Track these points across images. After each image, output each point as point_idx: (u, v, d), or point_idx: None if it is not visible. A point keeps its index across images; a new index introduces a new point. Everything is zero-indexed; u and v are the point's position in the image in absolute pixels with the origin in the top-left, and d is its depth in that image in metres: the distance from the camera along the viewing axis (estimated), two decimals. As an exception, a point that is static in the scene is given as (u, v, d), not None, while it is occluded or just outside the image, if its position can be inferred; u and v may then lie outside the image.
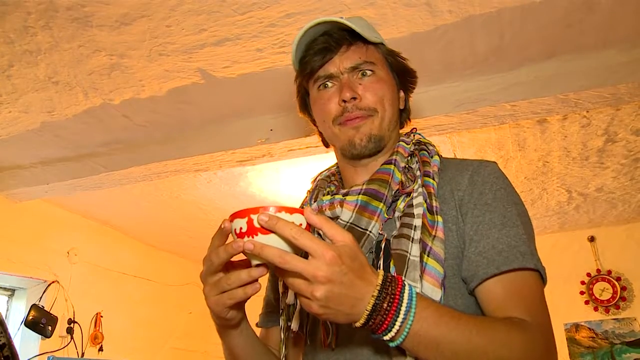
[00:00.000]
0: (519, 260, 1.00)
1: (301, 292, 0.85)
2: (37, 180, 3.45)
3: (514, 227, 1.05)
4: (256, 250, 0.84)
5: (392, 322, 0.85)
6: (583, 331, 4.87)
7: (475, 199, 1.08)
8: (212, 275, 0.96)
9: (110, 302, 4.62)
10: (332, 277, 0.82)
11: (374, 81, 1.20)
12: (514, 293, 0.99)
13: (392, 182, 1.13)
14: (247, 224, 0.86)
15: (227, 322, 1.04)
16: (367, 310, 0.85)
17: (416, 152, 1.22)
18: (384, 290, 0.86)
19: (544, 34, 2.29)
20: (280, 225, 0.84)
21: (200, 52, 2.33)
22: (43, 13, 2.06)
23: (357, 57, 1.20)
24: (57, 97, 2.65)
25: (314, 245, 0.83)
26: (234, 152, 2.99)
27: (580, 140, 3.41)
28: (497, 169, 1.15)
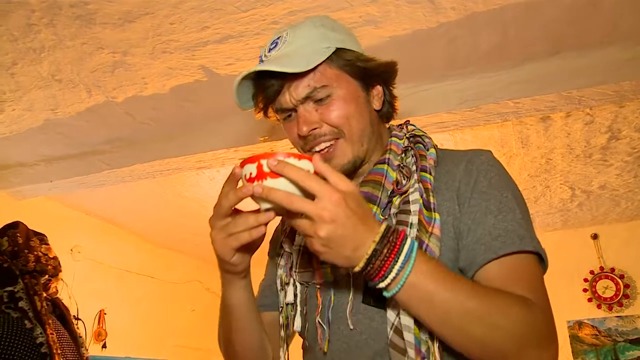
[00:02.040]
0: (517, 243, 0.99)
1: (306, 231, 0.87)
2: (40, 178, 3.46)
3: (510, 212, 1.04)
4: (264, 193, 0.87)
5: (390, 268, 0.86)
6: (586, 329, 4.86)
7: (471, 188, 1.07)
8: (221, 219, 0.98)
9: (113, 300, 4.63)
10: (336, 218, 0.84)
11: (331, 104, 1.11)
12: (514, 274, 0.98)
13: (385, 182, 1.11)
14: (257, 169, 0.90)
15: (231, 267, 1.05)
16: (367, 254, 0.87)
17: (411, 145, 1.19)
18: (385, 238, 0.88)
19: (547, 31, 2.29)
20: (289, 169, 0.86)
21: (203, 50, 2.33)
22: (47, 11, 2.07)
23: (307, 85, 1.10)
24: (60, 95, 2.66)
25: (320, 187, 0.85)
26: (236, 149, 2.99)
27: (583, 138, 3.40)
28: (491, 157, 1.14)
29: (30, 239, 2.04)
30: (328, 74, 1.12)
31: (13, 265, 1.91)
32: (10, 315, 1.80)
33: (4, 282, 1.88)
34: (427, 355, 0.95)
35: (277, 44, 1.13)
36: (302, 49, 1.11)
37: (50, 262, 2.05)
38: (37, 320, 1.82)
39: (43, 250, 2.06)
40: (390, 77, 1.23)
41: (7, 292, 1.86)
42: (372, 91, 1.20)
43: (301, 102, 1.11)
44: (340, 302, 1.10)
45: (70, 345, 1.97)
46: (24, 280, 1.90)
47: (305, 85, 1.10)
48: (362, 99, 1.16)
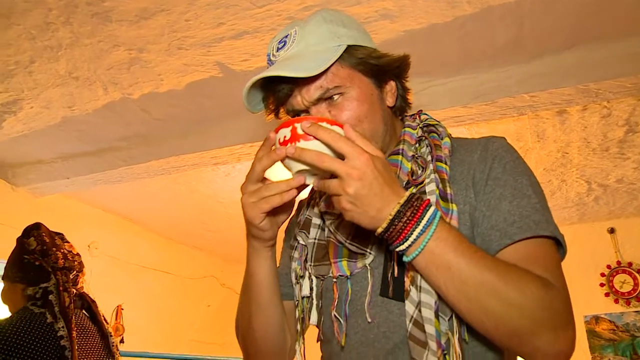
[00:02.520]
0: (533, 228, 0.98)
1: (334, 190, 0.90)
2: (58, 175, 3.50)
3: (525, 197, 1.02)
4: (297, 153, 0.91)
5: (411, 232, 0.89)
6: (603, 323, 4.83)
7: (486, 175, 1.06)
8: (253, 184, 1.01)
9: (130, 295, 4.67)
10: (364, 176, 0.88)
11: (344, 104, 1.08)
12: (531, 258, 0.96)
13: (400, 173, 1.10)
14: (291, 132, 0.94)
15: (259, 232, 1.06)
16: (391, 215, 0.89)
17: (425, 135, 1.18)
18: (409, 202, 0.90)
19: (564, 23, 2.27)
20: (321, 130, 0.91)
21: (218, 46, 2.34)
22: (64, 9, 2.08)
23: (319, 86, 1.08)
24: (77, 92, 2.68)
25: (350, 148, 0.89)
26: (252, 145, 3.00)
27: (600, 131, 3.37)
28: (506, 143, 1.12)
29: (54, 238, 2.10)
30: (340, 74, 1.09)
31: (45, 263, 1.97)
32: (33, 311, 1.85)
33: (38, 280, 1.94)
34: (447, 347, 0.94)
35: (285, 43, 1.10)
36: (312, 48, 1.08)
37: (75, 258, 2.10)
38: (62, 315, 1.86)
39: (67, 248, 2.10)
40: (403, 71, 1.20)
41: (41, 289, 1.92)
42: (386, 87, 1.17)
43: (313, 103, 1.09)
44: (357, 296, 1.09)
45: (95, 339, 2.01)
46: (56, 277, 1.95)
47: (318, 87, 1.08)
48: (375, 97, 1.14)
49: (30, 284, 1.94)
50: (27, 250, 2.00)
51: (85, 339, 1.96)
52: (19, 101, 2.74)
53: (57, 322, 1.83)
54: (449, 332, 0.95)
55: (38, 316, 1.83)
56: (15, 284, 1.97)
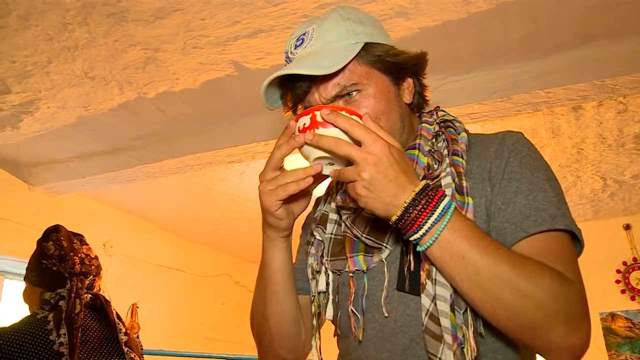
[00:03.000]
0: (548, 222, 0.97)
1: (350, 176, 0.90)
2: (73, 174, 3.52)
3: (542, 191, 1.02)
4: (315, 139, 0.92)
5: (426, 220, 0.88)
6: (619, 321, 4.80)
7: (502, 169, 1.06)
8: (271, 171, 1.02)
9: (145, 293, 4.69)
10: (380, 162, 0.88)
11: (361, 101, 1.09)
12: (546, 251, 0.95)
13: (417, 167, 1.10)
14: (310, 120, 0.95)
15: (275, 220, 1.06)
16: (405, 203, 0.89)
17: (442, 130, 1.18)
18: (424, 191, 0.90)
19: (579, 19, 2.26)
20: (340, 118, 0.92)
21: (233, 45, 2.35)
22: (81, 9, 2.10)
23: (337, 84, 1.08)
24: (93, 92, 2.70)
25: (366, 134, 0.89)
26: (266, 143, 3.01)
27: (616, 127, 3.35)
28: (523, 137, 1.12)
29: (73, 241, 2.10)
30: (357, 71, 1.09)
31: (62, 269, 1.98)
32: (36, 316, 1.87)
33: (55, 285, 1.95)
34: (463, 341, 0.94)
35: (303, 41, 1.11)
36: (330, 45, 1.08)
37: (92, 262, 2.11)
38: (67, 322, 1.87)
39: (85, 251, 2.11)
40: (420, 68, 1.19)
41: (57, 295, 1.93)
42: (403, 84, 1.17)
43: (331, 100, 1.09)
44: (374, 290, 1.09)
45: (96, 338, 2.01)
46: (71, 282, 1.96)
47: (335, 84, 1.08)
48: (392, 94, 1.13)
49: (48, 289, 1.95)
50: (46, 254, 2.00)
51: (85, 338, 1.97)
52: (36, 101, 2.76)
53: (60, 329, 1.84)
54: (464, 325, 0.95)
55: (39, 321, 1.85)
56: (35, 287, 1.99)
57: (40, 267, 1.99)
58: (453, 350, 0.92)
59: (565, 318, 0.89)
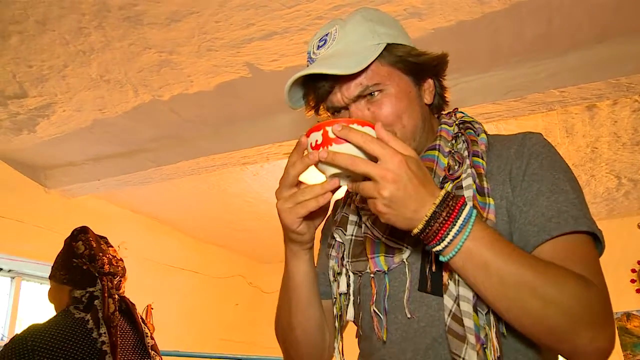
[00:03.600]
0: (571, 224, 0.97)
1: (369, 193, 0.89)
2: (89, 177, 3.55)
3: (563, 193, 1.02)
4: (330, 157, 0.90)
5: (447, 232, 0.88)
6: (635, 320, 4.77)
7: (523, 171, 1.06)
8: (288, 189, 1.00)
9: (160, 294, 4.72)
10: (399, 179, 0.86)
11: (383, 102, 1.09)
12: (569, 254, 0.96)
13: (437, 168, 1.10)
14: (322, 136, 0.93)
15: (297, 236, 1.06)
16: (427, 216, 0.88)
17: (462, 132, 1.18)
18: (445, 202, 0.89)
19: (593, 17, 2.25)
20: (353, 133, 0.89)
21: (248, 47, 2.36)
22: (97, 14, 2.12)
23: (359, 84, 1.09)
24: (108, 95, 2.72)
25: (383, 150, 0.87)
26: (280, 144, 3.02)
27: (631, 125, 3.33)
28: (543, 138, 1.11)
29: (100, 242, 2.14)
30: (380, 72, 1.10)
31: (92, 268, 2.00)
32: (74, 316, 1.88)
33: (85, 284, 1.97)
34: (486, 341, 0.95)
35: (325, 41, 1.11)
36: (352, 46, 1.09)
37: (119, 263, 2.13)
38: (105, 321, 1.89)
39: (112, 253, 2.14)
40: (441, 69, 1.20)
41: (88, 293, 1.96)
42: (424, 85, 1.17)
43: (353, 100, 1.10)
44: (396, 291, 1.09)
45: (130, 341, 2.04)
46: (102, 282, 1.99)
47: (358, 84, 1.09)
48: (413, 94, 1.14)
49: (77, 287, 1.96)
50: (76, 253, 2.02)
51: (126, 345, 2.00)
52: (52, 105, 2.79)
53: (100, 327, 1.87)
54: (486, 326, 0.96)
55: (78, 321, 1.86)
56: (63, 285, 1.99)
57: (71, 265, 2.00)
58: (476, 350, 0.93)
59: (591, 322, 0.89)
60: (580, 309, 0.89)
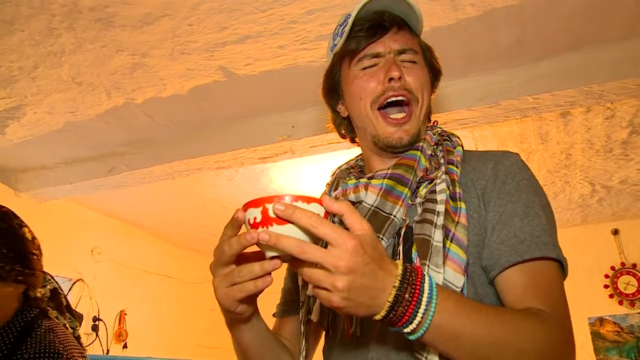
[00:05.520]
0: (541, 249, 0.99)
1: (321, 283, 0.80)
2: (61, 180, 3.49)
3: (537, 217, 1.04)
4: (272, 240, 0.79)
5: (414, 313, 0.82)
6: (608, 325, 4.81)
7: (498, 189, 1.07)
8: (223, 267, 0.92)
9: (133, 300, 4.67)
10: (355, 267, 0.78)
11: (417, 68, 1.20)
12: (535, 283, 0.98)
13: (417, 168, 1.13)
14: (262, 214, 0.81)
15: (236, 316, 1.00)
16: (389, 302, 0.81)
17: (441, 141, 1.22)
18: (405, 281, 0.82)
19: (567, 25, 2.27)
20: (298, 214, 0.79)
21: (221, 50, 2.34)
22: (67, 15, 2.08)
23: (405, 41, 1.20)
24: (80, 98, 2.68)
25: (335, 234, 0.78)
26: (255, 149, 3.00)
27: (604, 133, 3.36)
28: (520, 159, 1.14)
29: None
30: (418, 47, 1.23)
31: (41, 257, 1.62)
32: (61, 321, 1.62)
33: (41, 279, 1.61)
34: None
35: None
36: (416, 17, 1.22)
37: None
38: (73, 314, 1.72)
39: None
40: (436, 85, 1.31)
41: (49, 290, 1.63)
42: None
43: (395, 52, 1.18)
44: None
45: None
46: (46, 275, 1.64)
47: (404, 42, 1.19)
48: (430, 83, 1.26)
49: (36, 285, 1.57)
50: (28, 242, 1.59)
51: None
52: (22, 107, 2.74)
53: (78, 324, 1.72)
54: None
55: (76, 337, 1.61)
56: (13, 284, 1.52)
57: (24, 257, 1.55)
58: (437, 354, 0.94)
59: (556, 356, 0.92)
60: (548, 351, 0.91)
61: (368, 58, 1.20)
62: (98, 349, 4.13)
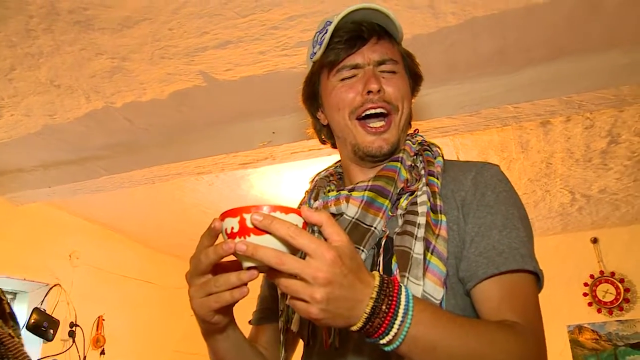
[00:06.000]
0: (519, 261, 1.00)
1: (299, 294, 0.80)
2: (38, 184, 3.45)
3: (515, 229, 1.05)
4: (249, 251, 0.79)
5: (390, 324, 0.82)
6: (586, 333, 4.85)
7: (478, 200, 1.08)
8: (199, 276, 0.91)
9: (112, 305, 4.61)
10: (333, 279, 0.78)
11: (397, 78, 1.20)
12: (511, 295, 0.99)
13: (398, 179, 1.13)
14: (239, 224, 0.81)
15: (212, 326, 1.00)
16: (366, 313, 0.81)
17: (421, 151, 1.22)
18: (382, 292, 0.83)
19: (547, 35, 2.28)
20: (276, 225, 0.79)
21: (202, 55, 2.32)
22: (45, 16, 2.06)
23: (385, 51, 1.19)
24: (58, 101, 2.65)
25: (314, 245, 0.79)
26: (235, 154, 2.98)
27: (583, 142, 3.39)
28: (500, 171, 1.15)
29: None
30: (398, 55, 1.23)
31: None
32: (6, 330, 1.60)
33: None
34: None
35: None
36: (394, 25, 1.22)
37: None
38: None
39: None
40: (417, 92, 1.31)
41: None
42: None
43: (374, 64, 1.19)
44: None
45: None
46: None
47: (384, 52, 1.19)
48: (410, 92, 1.26)
49: None
50: None
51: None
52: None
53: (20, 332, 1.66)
54: None
55: None
56: None
57: None
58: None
59: None
60: None
61: (347, 69, 1.20)
62: (75, 355, 4.07)
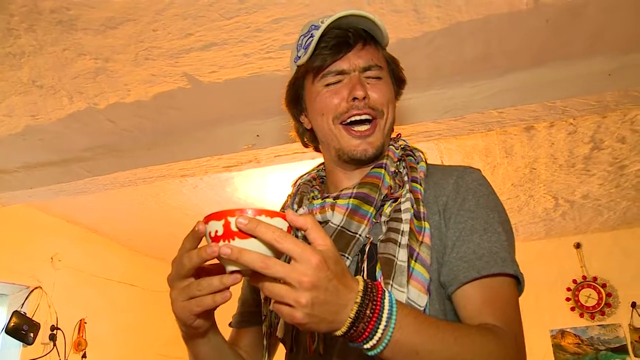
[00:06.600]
0: (499, 265, 1.01)
1: (283, 299, 0.79)
2: (20, 185, 3.40)
3: (496, 233, 1.06)
4: (234, 255, 0.78)
5: (374, 329, 0.82)
6: (569, 337, 4.88)
7: (459, 205, 1.09)
8: (182, 279, 0.90)
9: (94, 308, 4.57)
10: (318, 283, 0.78)
11: (382, 84, 1.21)
12: (491, 299, 1.00)
13: (382, 186, 1.14)
14: (224, 227, 0.81)
15: (193, 330, 0.99)
16: (350, 318, 0.82)
17: (404, 157, 1.23)
18: (366, 297, 0.83)
19: (530, 41, 2.29)
20: (262, 229, 0.79)
21: (186, 57, 2.31)
22: (26, 15, 2.03)
23: (370, 58, 1.20)
24: (41, 101, 2.62)
25: (299, 249, 0.78)
26: (220, 157, 2.97)
27: (566, 148, 3.42)
28: (481, 176, 1.16)
29: None
30: (383, 61, 1.24)
31: None
32: None
33: None
34: None
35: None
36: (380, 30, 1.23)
37: None
38: None
39: None
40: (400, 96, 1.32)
41: None
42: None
43: (360, 70, 1.19)
44: None
45: None
46: None
47: (369, 58, 1.20)
48: (394, 97, 1.27)
49: None
50: None
51: None
52: (-21, 109, 2.67)
53: None
54: None
55: None
56: None
57: None
58: None
59: None
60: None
61: (332, 75, 1.20)
62: (55, 359, 4.03)
